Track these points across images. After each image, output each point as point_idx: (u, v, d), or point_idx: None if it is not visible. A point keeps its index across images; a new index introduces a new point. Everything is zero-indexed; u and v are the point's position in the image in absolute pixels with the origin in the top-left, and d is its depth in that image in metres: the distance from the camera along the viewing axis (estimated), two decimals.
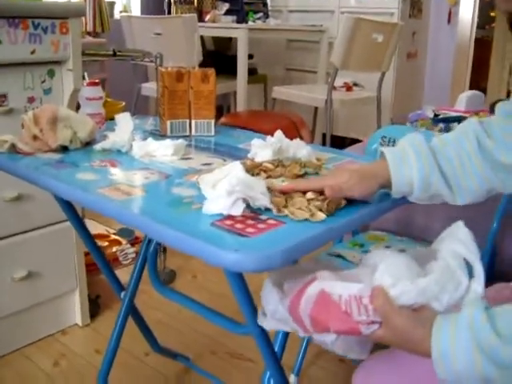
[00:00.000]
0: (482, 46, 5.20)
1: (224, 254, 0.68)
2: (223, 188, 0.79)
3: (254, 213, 0.81)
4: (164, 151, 1.10)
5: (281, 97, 3.60)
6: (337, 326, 0.72)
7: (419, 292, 0.70)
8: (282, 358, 1.03)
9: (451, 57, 4.49)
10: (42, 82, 1.67)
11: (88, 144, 1.17)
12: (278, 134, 1.09)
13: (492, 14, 5.72)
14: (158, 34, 3.37)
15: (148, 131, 1.34)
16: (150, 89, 3.54)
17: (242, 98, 3.61)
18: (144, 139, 1.15)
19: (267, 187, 0.84)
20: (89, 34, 4.38)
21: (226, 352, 1.87)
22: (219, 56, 4.36)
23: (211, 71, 1.29)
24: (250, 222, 0.78)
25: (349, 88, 3.72)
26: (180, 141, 1.12)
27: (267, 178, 0.96)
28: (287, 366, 1.16)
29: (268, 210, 0.81)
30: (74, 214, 1.31)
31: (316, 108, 3.82)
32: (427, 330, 0.68)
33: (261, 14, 4.24)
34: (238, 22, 3.97)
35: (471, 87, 4.54)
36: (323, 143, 3.53)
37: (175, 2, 4.12)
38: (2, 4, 1.50)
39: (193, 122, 1.30)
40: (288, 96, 3.59)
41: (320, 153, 1.15)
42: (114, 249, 2.14)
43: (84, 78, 1.50)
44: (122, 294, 1.43)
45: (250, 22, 3.99)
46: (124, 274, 1.69)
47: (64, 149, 1.13)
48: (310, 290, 0.74)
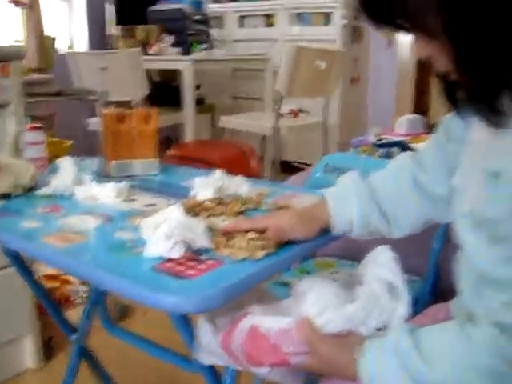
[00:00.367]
0: (424, 68, 5.37)
1: (164, 297, 0.70)
2: (162, 231, 0.81)
3: (194, 254, 0.83)
4: (107, 194, 1.11)
5: (228, 126, 3.65)
6: (268, 359, 0.75)
7: (346, 319, 0.74)
8: None
9: (393, 80, 4.62)
10: None
11: (30, 190, 1.17)
12: (219, 172, 1.11)
13: None
14: (104, 69, 3.38)
15: (93, 172, 1.35)
16: (97, 123, 3.52)
17: (190, 129, 3.64)
18: (89, 181, 1.17)
19: (209, 227, 0.86)
20: (33, 70, 4.35)
21: None
22: (166, 87, 4.39)
23: (153, 111, 1.32)
24: (190, 263, 0.80)
25: (295, 114, 3.80)
26: (123, 183, 1.14)
27: (208, 216, 0.99)
28: None
29: (209, 249, 0.84)
30: (18, 260, 1.31)
31: (264, 135, 3.88)
32: (353, 355, 0.72)
33: (206, 44, 4.29)
34: (183, 53, 4.01)
35: (415, 109, 4.68)
36: (273, 169, 3.58)
37: (120, 36, 4.14)
38: None
39: (137, 162, 1.32)
40: (235, 125, 3.64)
41: (261, 187, 1.18)
42: (65, 289, 2.12)
43: (27, 122, 1.51)
44: (73, 336, 1.42)
45: (195, 53, 4.03)
46: (76, 314, 1.68)
47: (6, 196, 1.13)
48: (242, 325, 0.77)
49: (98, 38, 4.99)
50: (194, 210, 0.99)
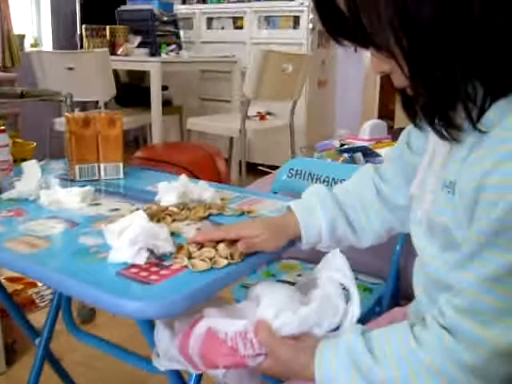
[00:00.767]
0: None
1: (127, 303, 0.72)
2: (127, 238, 0.82)
3: (158, 259, 0.84)
4: (72, 198, 1.11)
5: (195, 128, 3.65)
6: (224, 361, 0.77)
7: (301, 322, 0.77)
8: None
9: (360, 82, 4.68)
10: None
11: None
12: (183, 177, 1.13)
13: None
14: (71, 69, 3.35)
15: (57, 176, 1.35)
16: (63, 124, 3.49)
17: (158, 131, 3.63)
18: (52, 186, 1.17)
19: (175, 233, 0.88)
20: None
21: None
22: (134, 88, 4.38)
23: (118, 116, 1.32)
24: (153, 269, 0.81)
25: (262, 117, 3.82)
26: (87, 187, 1.14)
27: (173, 221, 1.00)
28: None
29: (172, 255, 0.85)
30: None
31: (231, 137, 3.90)
32: (309, 357, 0.75)
33: (174, 45, 4.29)
34: (151, 54, 4.00)
35: (381, 111, 4.75)
36: (240, 171, 3.60)
37: (87, 36, 4.11)
38: None
39: (101, 165, 1.32)
40: (202, 127, 3.65)
41: (225, 192, 1.20)
42: (29, 291, 2.10)
43: None
44: (37, 340, 1.41)
45: (163, 55, 4.03)
46: (41, 317, 1.67)
47: None
48: (198, 329, 0.79)
49: (64, 36, 4.95)
50: (158, 215, 1.00)
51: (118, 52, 3.99)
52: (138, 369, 1.90)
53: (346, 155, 1.89)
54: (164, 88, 3.90)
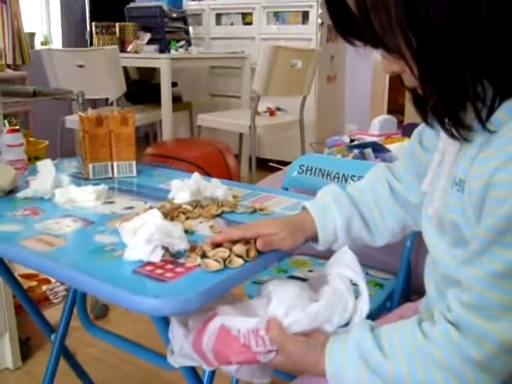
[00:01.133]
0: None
1: (144, 300, 0.73)
2: (142, 236, 0.83)
3: (173, 257, 0.86)
4: (86, 197, 1.13)
5: (205, 124, 3.67)
6: (237, 358, 0.79)
7: (310, 319, 0.79)
8: None
9: (369, 78, 4.68)
10: None
11: (10, 192, 1.19)
12: (195, 175, 1.14)
13: None
14: (81, 66, 3.37)
15: (71, 175, 1.37)
16: (74, 121, 3.50)
17: (168, 127, 3.65)
18: (67, 184, 1.18)
19: (187, 230, 0.89)
20: (9, 66, 4.32)
21: None
22: (144, 85, 4.40)
23: (130, 114, 1.33)
24: (169, 266, 0.83)
25: (272, 113, 3.83)
26: (102, 186, 1.16)
27: (186, 219, 1.01)
28: None
29: (187, 253, 0.86)
30: None
31: (241, 133, 3.91)
32: (320, 353, 0.77)
33: (183, 42, 4.30)
34: (160, 51, 4.02)
35: (390, 106, 4.75)
36: (250, 167, 3.61)
37: (97, 33, 4.13)
38: None
39: (114, 164, 1.34)
40: (212, 123, 3.66)
41: (237, 189, 1.21)
42: (43, 288, 2.13)
43: (4, 124, 1.51)
44: (53, 336, 1.43)
45: (172, 51, 4.04)
46: (55, 313, 1.69)
47: None
48: (212, 325, 0.81)
49: (74, 34, 4.98)
50: (172, 213, 1.02)
51: (128, 49, 4.00)
52: (153, 365, 1.93)
53: (356, 151, 1.90)
54: (174, 84, 3.91)
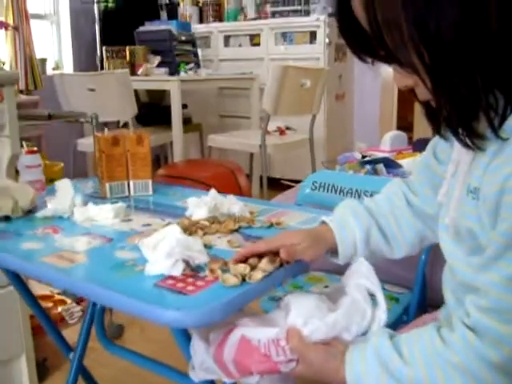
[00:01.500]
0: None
1: (166, 313, 0.74)
2: (163, 250, 0.85)
3: (193, 271, 0.87)
4: (105, 215, 1.15)
5: (216, 145, 3.69)
6: (258, 368, 0.80)
7: (329, 327, 0.80)
8: None
9: (378, 95, 4.71)
10: None
11: (30, 212, 1.21)
12: (212, 191, 1.16)
13: None
14: (92, 90, 3.42)
15: (88, 194, 1.38)
16: (86, 145, 3.54)
17: (179, 148, 3.68)
18: (85, 203, 1.20)
19: (205, 245, 0.91)
20: (21, 92, 4.38)
21: None
22: (154, 107, 4.44)
23: (145, 135, 1.36)
24: (189, 280, 0.84)
25: (282, 132, 3.86)
26: (120, 204, 1.18)
27: (204, 235, 1.03)
28: None
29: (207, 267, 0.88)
30: (17, 278, 1.34)
31: (252, 153, 3.93)
32: (340, 362, 0.78)
33: (192, 64, 4.35)
34: (170, 73, 4.06)
35: (399, 123, 4.77)
36: (261, 186, 3.63)
37: (107, 57, 4.19)
38: None
39: (131, 182, 1.36)
40: (223, 143, 3.69)
41: (253, 206, 1.23)
42: (59, 309, 2.14)
43: (22, 145, 1.54)
44: (71, 355, 1.44)
45: (182, 73, 4.08)
46: (71, 334, 1.70)
47: (6, 218, 1.16)
48: (232, 337, 0.82)
49: (85, 58, 5.05)
50: (190, 229, 1.03)
51: (138, 72, 4.05)
52: (167, 383, 1.93)
53: (368, 167, 1.91)
54: (184, 106, 3.95)
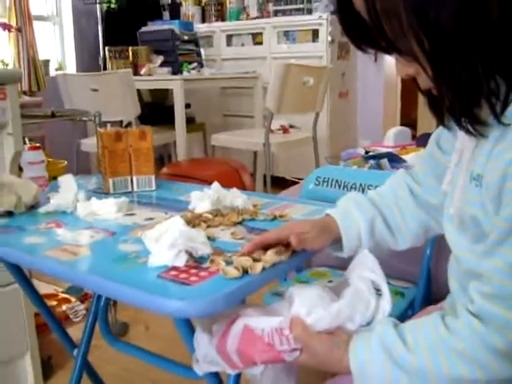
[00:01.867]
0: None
1: (170, 303, 0.74)
2: (166, 242, 0.85)
3: (196, 262, 0.87)
4: (108, 209, 1.15)
5: (219, 144, 3.69)
6: (262, 357, 0.79)
7: (333, 317, 0.79)
8: None
9: (381, 93, 4.70)
10: None
11: (33, 207, 1.21)
12: (215, 185, 1.15)
13: None
14: (95, 90, 3.42)
15: (91, 190, 1.38)
16: (89, 145, 3.55)
17: (182, 147, 3.68)
18: (88, 199, 1.20)
19: (208, 237, 0.90)
20: (24, 93, 4.38)
21: None
22: (157, 107, 4.44)
23: (148, 130, 1.35)
24: (193, 271, 0.84)
25: (285, 130, 3.85)
26: (122, 198, 1.17)
27: (207, 227, 1.02)
28: None
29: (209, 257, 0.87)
30: (22, 275, 1.34)
31: (255, 151, 3.93)
32: (343, 351, 0.77)
33: (195, 63, 4.35)
34: (173, 73, 4.07)
35: (402, 120, 4.76)
36: (264, 185, 3.63)
37: (110, 58, 4.19)
38: None
39: (134, 178, 1.36)
40: (226, 142, 3.68)
41: (256, 199, 1.22)
42: (63, 307, 2.14)
43: (25, 142, 1.54)
44: (75, 351, 1.44)
45: (184, 73, 4.09)
46: (76, 332, 1.70)
47: (9, 214, 1.16)
48: (235, 327, 0.81)
49: (88, 59, 5.05)
50: (193, 221, 1.03)
51: (141, 72, 4.05)
52: (173, 381, 1.93)
53: (371, 162, 1.91)
54: (187, 106, 3.95)
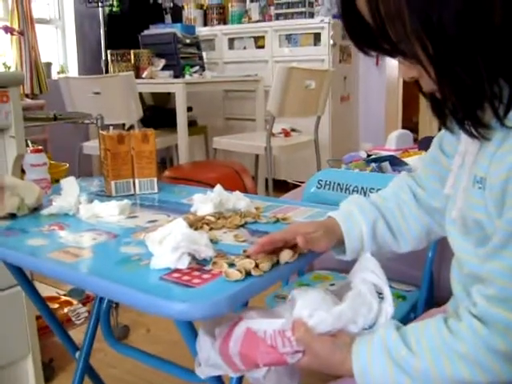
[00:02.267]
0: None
1: (172, 305, 0.74)
2: (169, 244, 0.85)
3: (199, 264, 0.87)
4: (110, 212, 1.15)
5: (221, 147, 3.69)
6: (265, 359, 0.79)
7: (335, 319, 0.79)
8: None
9: (383, 96, 4.70)
10: None
11: (35, 210, 1.21)
12: (218, 188, 1.15)
13: None
14: (97, 93, 3.42)
15: (94, 193, 1.38)
16: (91, 148, 3.55)
17: (184, 150, 3.68)
18: (90, 201, 1.20)
19: (211, 240, 0.90)
20: (27, 96, 4.39)
21: None
22: (159, 110, 4.45)
23: (150, 132, 1.35)
24: (195, 273, 0.84)
25: (287, 134, 3.85)
26: (125, 201, 1.17)
27: (210, 230, 1.02)
28: None
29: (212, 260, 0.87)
30: (24, 278, 1.34)
31: (257, 155, 3.93)
32: (346, 353, 0.77)
33: (197, 67, 4.35)
34: (175, 76, 4.07)
35: (404, 123, 4.76)
36: (266, 188, 3.63)
37: (112, 61, 4.20)
38: None
39: (136, 180, 1.36)
40: (228, 145, 3.69)
41: (258, 202, 1.22)
42: (65, 310, 2.13)
43: (27, 145, 1.54)
44: (77, 354, 1.44)
45: (186, 76, 4.09)
46: (78, 334, 1.70)
47: (12, 216, 1.16)
48: (237, 329, 0.81)
49: (90, 62, 5.06)
50: (196, 224, 1.03)
51: (143, 75, 4.06)
52: (171, 382, 1.92)
53: (373, 165, 1.91)
54: (189, 109, 3.96)
